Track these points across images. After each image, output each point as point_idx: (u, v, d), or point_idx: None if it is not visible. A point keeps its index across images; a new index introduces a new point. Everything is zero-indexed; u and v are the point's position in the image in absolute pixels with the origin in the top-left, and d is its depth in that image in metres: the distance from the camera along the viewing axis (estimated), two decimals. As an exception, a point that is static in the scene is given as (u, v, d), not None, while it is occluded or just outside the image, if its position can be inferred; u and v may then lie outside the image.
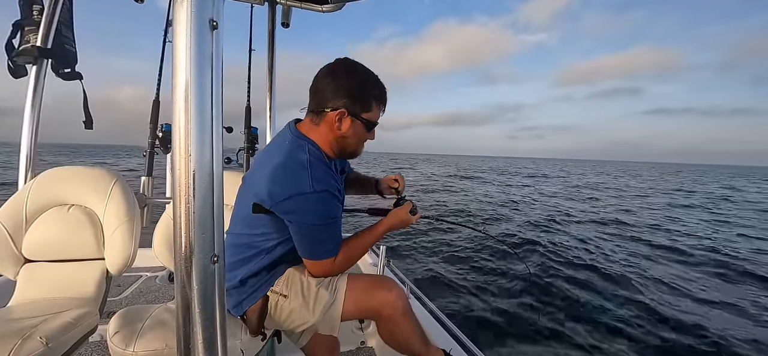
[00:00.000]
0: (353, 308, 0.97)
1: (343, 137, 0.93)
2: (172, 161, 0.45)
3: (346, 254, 0.96)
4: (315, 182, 0.85)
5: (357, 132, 0.94)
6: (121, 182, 1.26)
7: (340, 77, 0.89)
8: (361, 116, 0.91)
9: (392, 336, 1.03)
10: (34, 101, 1.49)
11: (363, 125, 0.93)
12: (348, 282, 0.98)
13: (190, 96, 0.43)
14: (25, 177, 1.48)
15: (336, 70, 0.90)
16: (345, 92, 0.88)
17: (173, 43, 0.43)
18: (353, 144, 0.96)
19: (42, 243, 1.17)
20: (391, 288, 0.99)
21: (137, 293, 2.03)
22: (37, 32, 1.49)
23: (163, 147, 2.10)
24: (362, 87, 0.91)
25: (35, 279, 1.17)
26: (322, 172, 0.88)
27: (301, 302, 0.95)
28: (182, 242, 0.44)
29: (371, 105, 0.93)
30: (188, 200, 0.44)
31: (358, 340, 1.87)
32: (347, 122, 0.91)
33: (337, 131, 0.91)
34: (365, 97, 0.91)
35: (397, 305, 0.97)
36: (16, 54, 1.48)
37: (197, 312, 0.46)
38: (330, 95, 0.89)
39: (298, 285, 0.96)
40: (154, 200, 1.95)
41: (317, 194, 0.85)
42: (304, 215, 0.86)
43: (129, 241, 1.17)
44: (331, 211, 0.90)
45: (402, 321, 0.99)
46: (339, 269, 0.97)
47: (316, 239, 0.91)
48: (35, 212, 1.19)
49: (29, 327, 0.88)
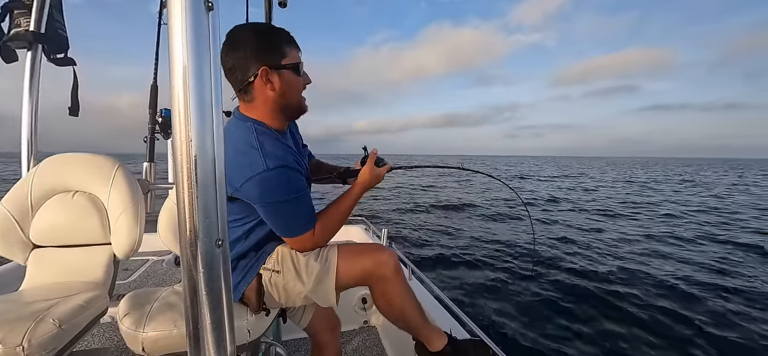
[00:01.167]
0: (346, 274, 0.97)
1: (280, 95, 0.89)
2: (173, 146, 0.45)
3: (323, 224, 0.96)
4: (268, 160, 0.83)
5: (289, 82, 0.90)
6: (123, 168, 1.27)
7: (241, 44, 0.86)
8: (283, 65, 0.88)
9: (387, 299, 1.02)
10: (31, 87, 1.47)
11: (291, 72, 0.90)
12: (339, 251, 0.99)
13: (189, 80, 0.42)
14: (28, 164, 1.49)
15: (235, 41, 0.86)
16: (254, 52, 0.85)
17: (168, 25, 0.42)
18: (294, 97, 0.93)
19: (49, 229, 1.19)
20: (382, 250, 1.00)
21: (144, 276, 2.07)
22: (28, 16, 1.45)
23: (164, 132, 2.09)
24: (267, 39, 0.87)
25: (45, 264, 1.19)
26: (273, 147, 0.86)
27: (294, 275, 0.95)
28: (187, 227, 0.45)
29: (285, 50, 0.89)
30: (191, 184, 0.44)
31: (360, 320, 1.92)
32: (275, 78, 0.88)
33: (271, 92, 0.88)
34: (275, 45, 0.88)
35: (389, 262, 0.98)
36: (9, 38, 1.45)
37: (204, 294, 0.47)
38: (244, 65, 0.86)
39: (288, 260, 0.97)
40: (157, 186, 1.97)
41: (272, 170, 0.83)
42: (267, 195, 0.85)
43: (134, 226, 1.19)
44: (293, 185, 0.88)
45: (395, 279, 0.99)
46: (320, 240, 0.97)
47: (286, 216, 0.90)
48: (40, 198, 1.20)
49: (42, 310, 0.91)
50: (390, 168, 1.10)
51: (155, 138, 2.08)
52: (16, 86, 1.48)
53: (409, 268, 1.79)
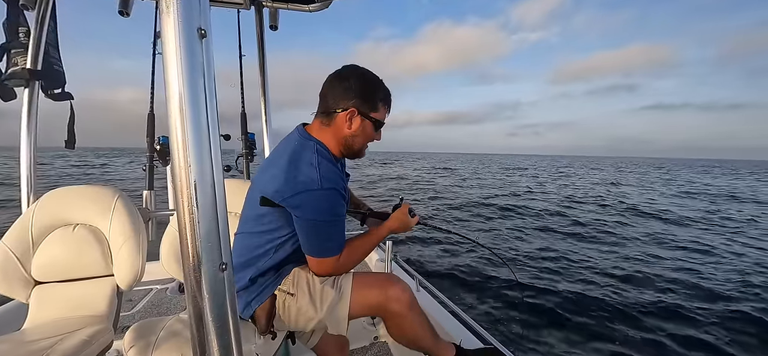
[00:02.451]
0: (359, 305, 0.98)
1: (352, 135, 0.97)
2: (172, 172, 0.45)
3: (349, 253, 0.98)
4: (323, 180, 0.88)
5: (365, 131, 0.98)
6: (123, 198, 1.27)
7: (349, 80, 0.94)
8: (369, 116, 0.96)
9: (401, 332, 1.04)
10: (29, 124, 1.48)
11: (371, 125, 0.98)
12: (353, 280, 1.00)
13: (185, 107, 0.42)
14: (28, 200, 1.49)
15: (345, 74, 0.96)
16: (354, 93, 0.94)
17: (163, 55, 0.43)
18: (360, 143, 1.00)
19: (51, 264, 1.18)
20: (396, 283, 1.00)
21: (149, 306, 2.05)
22: (25, 55, 1.48)
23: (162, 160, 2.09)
24: (370, 88, 0.96)
25: (47, 301, 1.18)
26: (329, 171, 0.91)
27: (308, 300, 0.96)
28: (189, 253, 0.45)
29: (378, 106, 0.98)
30: (192, 210, 0.44)
31: (371, 336, 1.89)
32: (357, 121, 0.95)
33: (347, 130, 0.96)
34: (373, 98, 0.96)
35: (402, 299, 0.99)
36: (6, 77, 1.47)
37: (210, 320, 0.46)
38: (340, 97, 0.94)
39: (304, 284, 0.98)
40: (158, 214, 1.96)
41: (325, 191, 0.88)
42: (311, 211, 0.88)
43: (136, 255, 1.18)
44: (337, 209, 0.92)
45: (409, 315, 1.00)
46: (342, 268, 0.99)
47: (322, 236, 0.92)
48: (41, 234, 1.19)
49: (45, 348, 0.90)
50: (418, 221, 1.16)
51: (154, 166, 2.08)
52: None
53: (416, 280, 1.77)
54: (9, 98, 1.51)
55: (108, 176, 19.64)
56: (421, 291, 1.78)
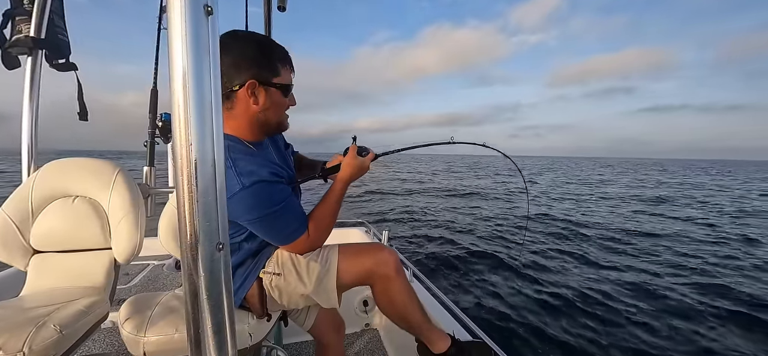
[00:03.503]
0: (347, 273, 0.96)
1: (262, 111, 0.86)
2: (173, 150, 0.45)
3: (316, 224, 0.95)
4: (243, 178, 0.80)
5: (275, 101, 0.87)
6: (123, 172, 1.27)
7: (234, 50, 0.81)
8: (272, 82, 0.85)
9: (390, 299, 1.01)
10: (31, 93, 1.48)
11: (279, 92, 0.87)
12: (340, 250, 0.98)
13: (188, 84, 0.42)
14: (28, 170, 1.49)
15: (229, 45, 0.81)
16: (247, 62, 0.81)
17: (168, 30, 0.42)
18: (275, 116, 0.90)
19: (49, 234, 1.19)
20: (383, 249, 0.99)
21: (145, 281, 2.07)
22: (29, 22, 1.46)
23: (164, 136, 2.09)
24: (263, 51, 0.84)
25: (45, 269, 1.19)
26: (246, 163, 0.83)
27: (295, 276, 0.95)
28: (187, 231, 0.45)
29: (278, 68, 0.86)
30: (191, 188, 0.44)
31: (362, 322, 1.91)
32: (262, 93, 0.84)
33: (255, 106, 0.85)
34: (270, 61, 0.84)
35: (390, 262, 0.97)
36: (10, 45, 1.46)
37: (205, 298, 0.47)
38: (233, 72, 0.81)
39: (289, 262, 0.96)
40: (157, 190, 1.96)
41: (249, 188, 0.80)
42: (248, 212, 0.83)
43: (135, 230, 1.19)
44: (274, 197, 0.85)
45: (397, 278, 0.98)
46: (317, 241, 0.96)
47: (276, 227, 0.89)
48: (40, 204, 1.20)
49: (42, 316, 0.91)
50: (375, 156, 1.06)
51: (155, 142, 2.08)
52: (19, 84, 1.48)
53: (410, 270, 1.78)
54: (13, 67, 1.50)
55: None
56: (415, 282, 1.80)
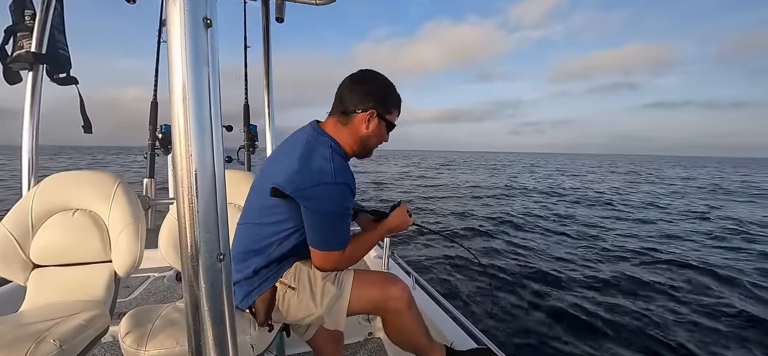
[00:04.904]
0: (359, 302, 0.99)
1: (368, 136, 1.01)
2: (173, 161, 0.45)
3: (352, 250, 0.99)
4: (337, 174, 0.90)
5: (380, 132, 1.03)
6: (123, 184, 1.27)
7: (369, 83, 0.99)
8: (385, 118, 1.01)
9: (399, 331, 1.05)
10: (32, 108, 1.49)
11: (386, 126, 1.03)
12: (354, 277, 1.01)
13: (188, 96, 0.42)
14: (28, 184, 1.49)
15: (365, 77, 1.00)
16: (374, 95, 0.98)
17: (168, 43, 0.43)
18: (374, 143, 1.05)
19: (49, 248, 1.18)
20: (396, 283, 1.02)
21: (146, 293, 2.06)
22: (31, 38, 1.48)
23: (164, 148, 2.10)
24: (387, 92, 1.01)
25: (45, 284, 1.18)
26: (342, 166, 0.94)
27: (309, 294, 0.97)
28: (188, 242, 0.45)
29: (392, 110, 1.03)
30: (191, 200, 0.44)
31: (365, 332, 1.89)
32: (375, 122, 0.99)
33: (365, 130, 0.99)
34: (389, 101, 1.01)
35: (402, 299, 1.00)
36: (11, 60, 1.47)
37: (206, 310, 0.46)
38: (359, 98, 0.98)
39: (305, 278, 0.99)
40: (158, 202, 1.96)
41: (337, 184, 0.90)
42: (322, 203, 0.90)
43: (135, 243, 1.19)
44: (346, 203, 0.94)
45: (408, 314, 1.01)
46: (345, 263, 1.00)
47: (329, 229, 0.94)
48: (41, 217, 1.20)
49: (42, 331, 0.90)
50: (413, 222, 1.20)
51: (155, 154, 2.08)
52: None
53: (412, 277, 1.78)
54: (14, 82, 1.51)
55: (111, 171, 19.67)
56: (418, 289, 1.79)
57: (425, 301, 1.69)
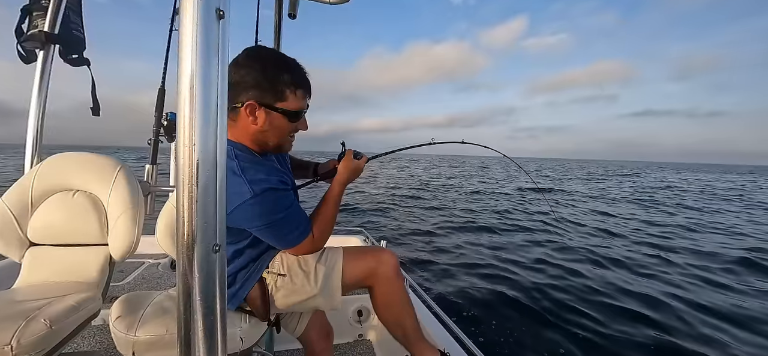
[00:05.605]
0: (351, 273, 1.00)
1: (260, 131, 0.87)
2: (176, 149, 0.45)
3: (318, 225, 0.98)
4: (253, 185, 0.82)
5: (275, 125, 0.87)
6: (125, 169, 1.27)
7: (242, 68, 0.82)
8: (275, 107, 0.84)
9: (387, 301, 1.04)
10: (40, 86, 1.50)
11: (281, 116, 0.86)
12: (344, 252, 1.03)
13: (195, 85, 0.43)
14: (32, 162, 1.50)
15: (239, 61, 0.83)
16: (250, 82, 0.82)
17: (179, 31, 0.43)
18: (273, 138, 0.89)
19: (47, 227, 1.19)
20: (383, 250, 1.05)
21: (139, 279, 2.05)
22: (45, 17, 1.49)
23: (168, 136, 2.10)
24: (268, 75, 0.83)
25: (40, 263, 1.18)
26: (255, 172, 0.84)
27: (302, 276, 0.97)
28: (184, 231, 0.45)
29: (284, 93, 0.85)
30: (191, 188, 0.44)
31: (355, 333, 1.88)
32: (261, 115, 0.84)
33: (254, 126, 0.85)
34: (275, 85, 0.84)
35: (391, 262, 1.01)
36: (25, 39, 1.49)
37: (198, 299, 0.46)
38: (238, 89, 0.82)
39: (295, 263, 0.98)
40: (158, 188, 1.96)
41: (258, 196, 0.82)
42: (257, 219, 0.85)
43: (132, 228, 1.19)
44: (280, 203, 0.88)
45: (396, 280, 1.02)
46: (320, 242, 0.98)
47: (282, 232, 0.91)
48: (40, 196, 1.20)
49: (33, 309, 0.90)
50: (368, 159, 1.11)
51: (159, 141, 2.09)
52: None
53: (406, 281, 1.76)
54: (30, 61, 1.52)
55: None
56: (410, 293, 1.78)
57: (418, 307, 1.68)
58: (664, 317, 3.70)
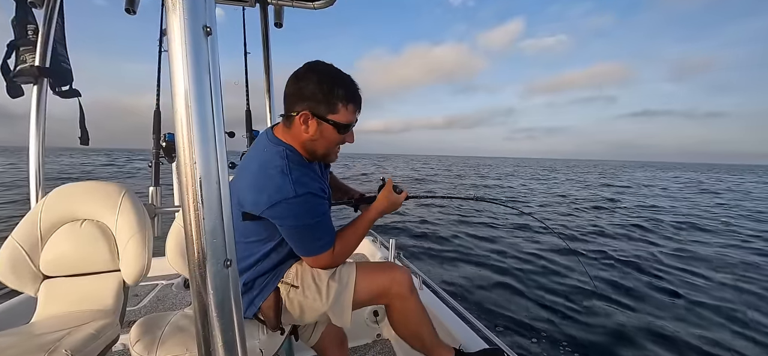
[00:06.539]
0: (364, 293, 1.00)
1: (310, 140, 0.92)
2: (177, 169, 0.45)
3: (342, 243, 0.99)
4: (296, 186, 0.86)
5: (325, 135, 0.92)
6: (129, 194, 1.28)
7: (301, 80, 0.88)
8: (326, 118, 0.89)
9: (405, 319, 1.05)
10: (37, 120, 1.50)
11: (331, 128, 0.91)
12: (357, 269, 1.02)
13: (191, 104, 0.43)
14: (36, 196, 1.51)
15: (299, 74, 0.89)
16: (307, 94, 0.88)
17: (169, 52, 0.43)
18: (322, 147, 0.94)
19: (58, 259, 1.20)
20: (397, 268, 1.04)
21: (155, 301, 2.07)
22: (34, 52, 1.49)
23: (168, 156, 2.11)
24: (325, 88, 0.88)
25: (55, 294, 1.19)
26: (301, 174, 0.89)
27: (314, 290, 0.97)
28: (195, 249, 0.45)
29: (337, 106, 0.89)
30: (197, 207, 0.44)
31: (374, 333, 1.89)
32: (313, 125, 0.90)
33: (305, 134, 0.91)
34: (328, 98, 0.88)
35: (403, 281, 1.01)
36: (15, 74, 1.49)
37: (215, 316, 0.47)
38: (295, 99, 0.89)
39: (309, 276, 0.99)
40: (164, 210, 1.98)
41: (300, 197, 0.86)
42: (291, 219, 0.88)
43: (142, 251, 1.19)
44: (316, 210, 0.91)
45: (411, 297, 1.02)
46: (339, 258, 1.00)
47: (309, 238, 0.93)
48: (49, 229, 1.21)
49: (53, 341, 0.91)
50: (407, 197, 1.12)
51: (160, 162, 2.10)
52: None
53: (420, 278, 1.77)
54: (17, 95, 1.53)
55: (121, 176, 19.81)
56: (425, 290, 1.78)
57: (433, 302, 1.69)
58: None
